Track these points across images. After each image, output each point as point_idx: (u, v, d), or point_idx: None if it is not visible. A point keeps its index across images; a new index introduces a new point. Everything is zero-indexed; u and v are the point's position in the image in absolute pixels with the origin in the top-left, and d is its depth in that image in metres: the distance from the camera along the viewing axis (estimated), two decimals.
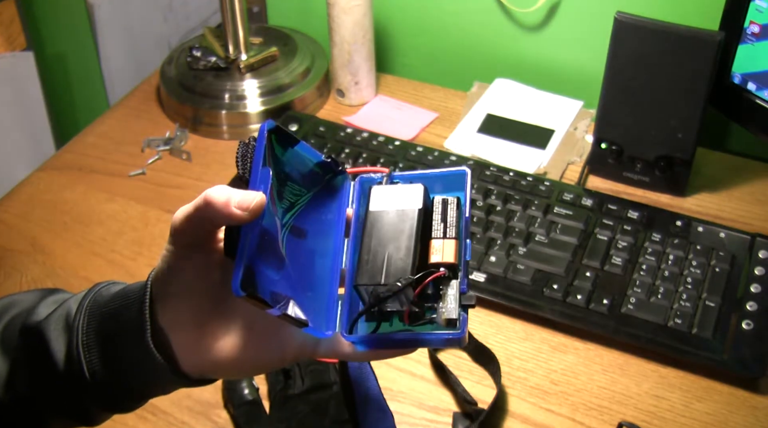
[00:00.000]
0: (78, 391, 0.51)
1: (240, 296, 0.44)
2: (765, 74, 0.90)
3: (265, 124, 0.50)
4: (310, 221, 0.53)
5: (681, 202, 0.98)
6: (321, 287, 0.52)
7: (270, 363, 0.52)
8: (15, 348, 0.54)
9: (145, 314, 0.49)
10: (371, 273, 0.48)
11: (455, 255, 0.49)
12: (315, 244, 0.53)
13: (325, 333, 0.50)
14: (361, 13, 1.07)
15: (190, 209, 0.48)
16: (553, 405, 0.78)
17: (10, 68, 1.28)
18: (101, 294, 0.53)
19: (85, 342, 0.51)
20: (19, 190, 1.03)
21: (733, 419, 0.76)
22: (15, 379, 0.53)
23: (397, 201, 0.51)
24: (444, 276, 0.48)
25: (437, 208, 0.51)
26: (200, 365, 0.51)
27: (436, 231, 0.50)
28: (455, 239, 0.49)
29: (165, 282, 0.50)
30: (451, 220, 0.50)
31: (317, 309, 0.50)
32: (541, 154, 1.03)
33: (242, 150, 0.50)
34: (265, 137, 0.49)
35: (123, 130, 1.12)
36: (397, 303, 0.48)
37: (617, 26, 0.89)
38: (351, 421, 0.74)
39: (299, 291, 0.49)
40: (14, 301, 0.57)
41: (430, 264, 0.48)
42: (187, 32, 1.38)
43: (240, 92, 1.10)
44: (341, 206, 0.55)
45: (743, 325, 0.80)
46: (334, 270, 0.53)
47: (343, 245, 0.54)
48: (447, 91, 1.16)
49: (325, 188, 0.55)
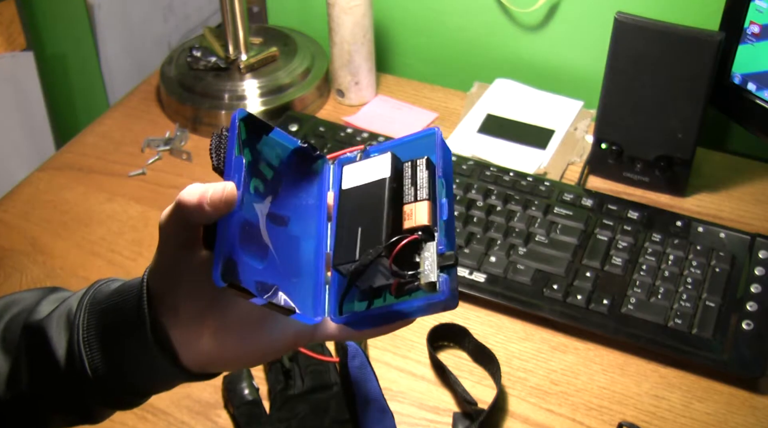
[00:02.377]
0: (80, 388, 0.52)
1: (221, 286, 0.44)
2: (765, 74, 0.90)
3: (236, 113, 0.49)
4: (292, 207, 0.53)
5: (681, 202, 0.98)
6: (307, 273, 0.51)
7: (268, 353, 0.52)
8: (17, 346, 0.54)
9: (143, 309, 0.50)
10: (346, 251, 0.47)
11: (429, 217, 0.47)
12: (298, 231, 0.53)
13: (313, 319, 0.49)
14: (361, 13, 1.07)
15: (169, 211, 0.48)
16: (553, 405, 0.78)
17: (10, 68, 1.28)
18: (100, 291, 0.53)
19: (85, 338, 0.51)
20: (19, 190, 1.03)
21: (733, 419, 0.76)
22: (17, 377, 0.53)
23: (368, 175, 0.50)
24: (419, 240, 0.46)
25: (407, 173, 0.49)
26: (200, 359, 0.51)
27: (407, 195, 0.48)
28: (428, 200, 0.47)
29: (160, 279, 0.50)
30: (421, 182, 0.48)
31: (305, 295, 0.50)
32: (541, 154, 1.03)
33: (216, 141, 0.49)
34: (236, 126, 0.49)
35: (123, 130, 1.12)
36: (381, 277, 0.47)
37: (617, 26, 0.89)
38: (351, 421, 0.74)
39: (286, 279, 0.49)
40: (15, 300, 0.57)
41: (404, 231, 0.47)
42: (187, 32, 1.38)
43: (240, 92, 1.10)
44: (322, 190, 0.55)
45: (743, 325, 0.80)
46: (319, 255, 0.52)
47: (327, 229, 0.53)
48: (447, 91, 1.16)
49: (305, 174, 0.55)
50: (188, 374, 0.52)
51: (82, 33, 1.31)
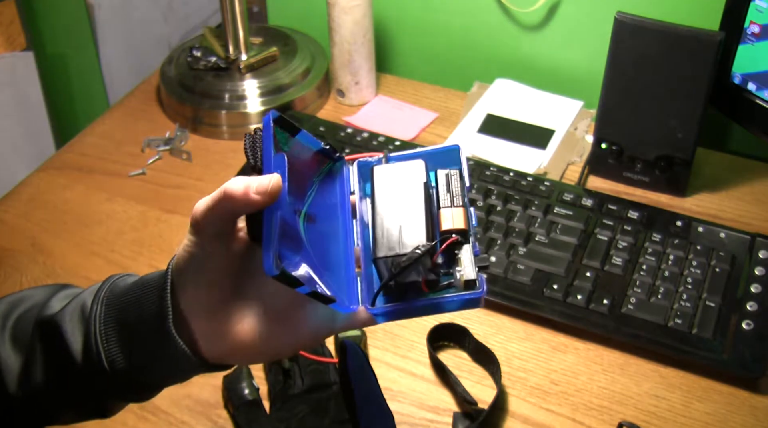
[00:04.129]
0: (95, 382, 0.52)
1: (273, 275, 0.46)
2: (765, 74, 0.90)
3: (269, 114, 0.52)
4: (317, 206, 0.56)
5: (681, 202, 0.98)
6: (337, 267, 0.54)
7: (285, 348, 0.53)
8: (29, 342, 0.54)
9: (166, 300, 0.50)
10: (389, 246, 0.51)
11: (465, 222, 0.51)
12: (324, 228, 0.56)
13: (350, 308, 0.52)
14: (361, 13, 1.07)
15: (210, 201, 0.49)
16: (553, 405, 0.78)
17: (10, 68, 1.28)
18: (117, 285, 0.53)
19: (103, 332, 0.51)
20: (19, 190, 1.03)
21: (733, 419, 0.76)
22: (30, 373, 0.53)
23: (401, 177, 0.54)
24: (457, 242, 0.51)
25: (441, 181, 0.54)
26: (219, 350, 0.52)
27: (443, 201, 0.53)
28: (462, 207, 0.52)
29: (186, 271, 0.51)
30: (456, 190, 0.53)
31: (337, 287, 0.52)
32: (542, 154, 1.04)
33: (250, 141, 0.52)
34: (271, 127, 0.52)
35: (123, 130, 1.12)
36: (413, 273, 0.50)
37: (617, 26, 0.89)
38: (351, 421, 0.74)
39: (318, 272, 0.51)
40: (24, 297, 0.58)
41: (442, 232, 0.51)
42: (187, 32, 1.39)
43: (240, 92, 1.10)
44: (344, 190, 0.58)
45: (743, 325, 0.80)
46: (348, 251, 0.55)
47: (353, 225, 0.56)
48: (447, 91, 1.16)
49: (326, 174, 0.58)
50: (207, 365, 0.52)
51: (82, 33, 1.31)
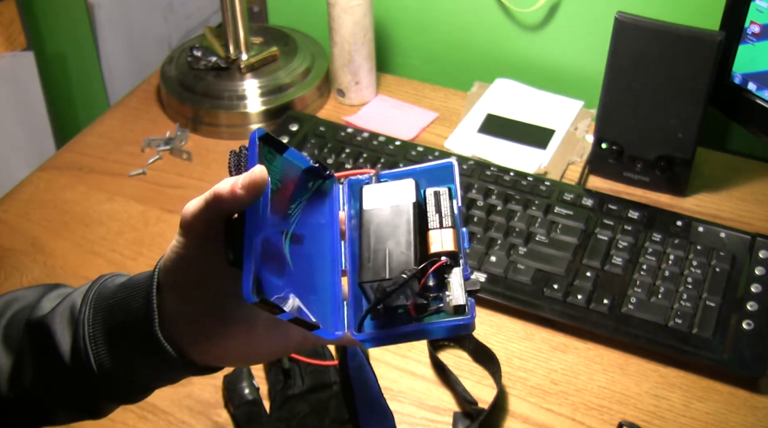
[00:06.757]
0: (85, 384, 0.52)
1: (252, 302, 0.45)
2: (765, 74, 0.90)
3: (255, 132, 0.51)
4: (304, 226, 0.54)
5: (681, 201, 0.98)
6: (323, 290, 0.53)
7: (274, 352, 0.53)
8: (19, 343, 0.54)
9: (152, 303, 0.50)
10: (375, 270, 0.49)
11: (455, 243, 0.49)
12: (311, 249, 0.54)
13: (334, 335, 0.50)
14: (362, 12, 1.07)
15: (200, 203, 0.49)
16: (553, 404, 0.78)
17: (10, 68, 1.28)
18: (106, 286, 0.53)
19: (91, 334, 0.51)
20: (19, 190, 1.03)
21: (733, 419, 0.76)
22: (20, 374, 0.53)
23: (390, 197, 0.52)
24: (446, 265, 0.49)
25: (430, 200, 0.52)
26: (207, 353, 0.51)
27: (432, 222, 0.51)
28: (452, 228, 0.50)
29: (174, 272, 0.50)
30: (446, 211, 0.51)
31: (322, 311, 0.51)
32: (542, 154, 1.03)
33: (234, 159, 0.51)
34: (257, 144, 0.50)
35: (123, 130, 1.12)
36: (402, 297, 0.49)
37: (617, 26, 0.89)
38: (351, 421, 0.74)
39: (303, 295, 0.50)
40: (15, 297, 0.57)
41: (430, 255, 0.49)
42: (187, 32, 1.38)
43: (240, 92, 1.10)
44: (333, 209, 0.56)
45: (743, 325, 0.80)
46: (335, 272, 0.54)
47: (341, 247, 0.54)
48: (447, 91, 1.16)
49: (315, 192, 0.56)
50: (194, 368, 0.52)
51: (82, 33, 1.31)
